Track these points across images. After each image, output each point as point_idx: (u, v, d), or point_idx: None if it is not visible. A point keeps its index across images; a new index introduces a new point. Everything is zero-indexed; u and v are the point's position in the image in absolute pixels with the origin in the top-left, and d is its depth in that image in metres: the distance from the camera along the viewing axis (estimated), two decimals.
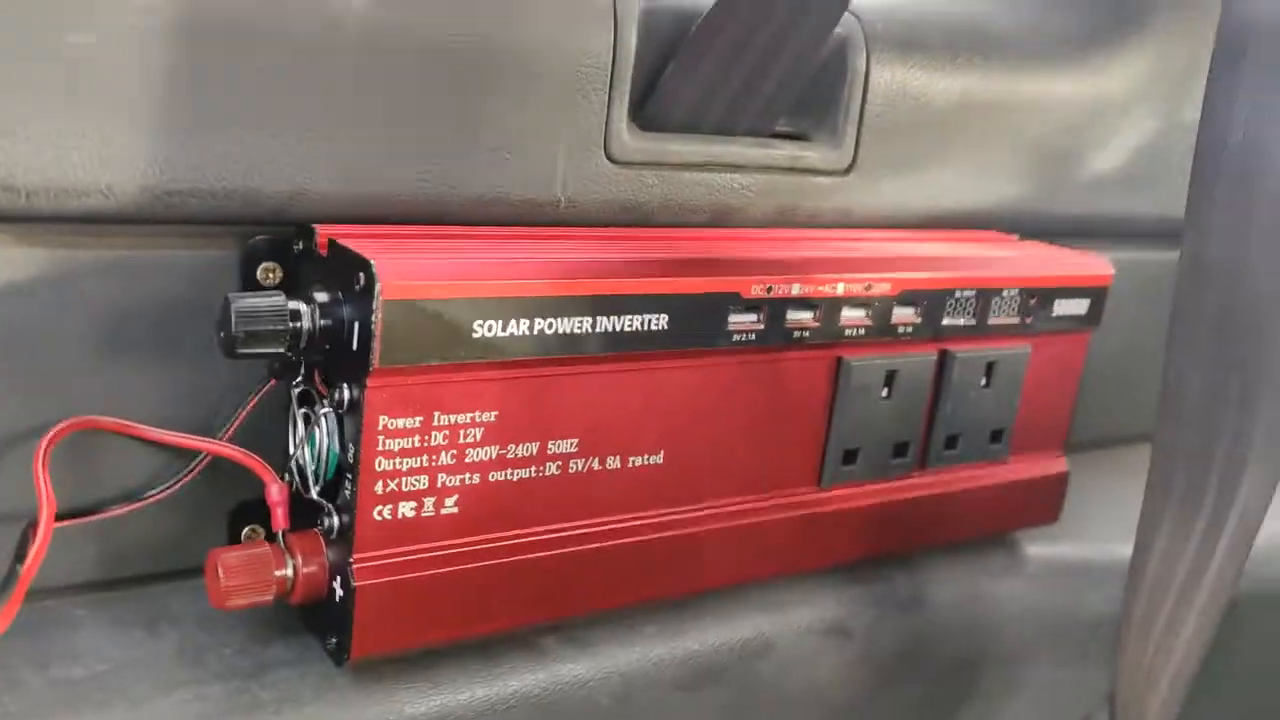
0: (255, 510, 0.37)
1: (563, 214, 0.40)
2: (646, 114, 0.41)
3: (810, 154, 0.45)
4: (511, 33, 0.37)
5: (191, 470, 0.35)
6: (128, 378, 0.34)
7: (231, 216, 0.34)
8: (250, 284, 0.35)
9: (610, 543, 0.37)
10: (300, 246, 0.35)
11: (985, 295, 0.44)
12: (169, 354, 0.35)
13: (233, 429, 0.35)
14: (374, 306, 0.30)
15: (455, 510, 0.34)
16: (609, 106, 0.39)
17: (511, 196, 0.38)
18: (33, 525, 0.30)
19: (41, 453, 0.31)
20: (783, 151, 0.44)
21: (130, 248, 0.34)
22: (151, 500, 0.34)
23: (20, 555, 0.31)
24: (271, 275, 0.36)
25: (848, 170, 0.46)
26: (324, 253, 0.34)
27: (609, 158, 0.40)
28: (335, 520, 0.33)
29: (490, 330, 0.32)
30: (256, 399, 0.35)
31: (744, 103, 0.43)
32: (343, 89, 0.34)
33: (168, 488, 0.35)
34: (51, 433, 0.32)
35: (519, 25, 0.37)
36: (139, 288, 0.34)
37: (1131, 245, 0.53)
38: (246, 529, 0.37)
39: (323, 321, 0.32)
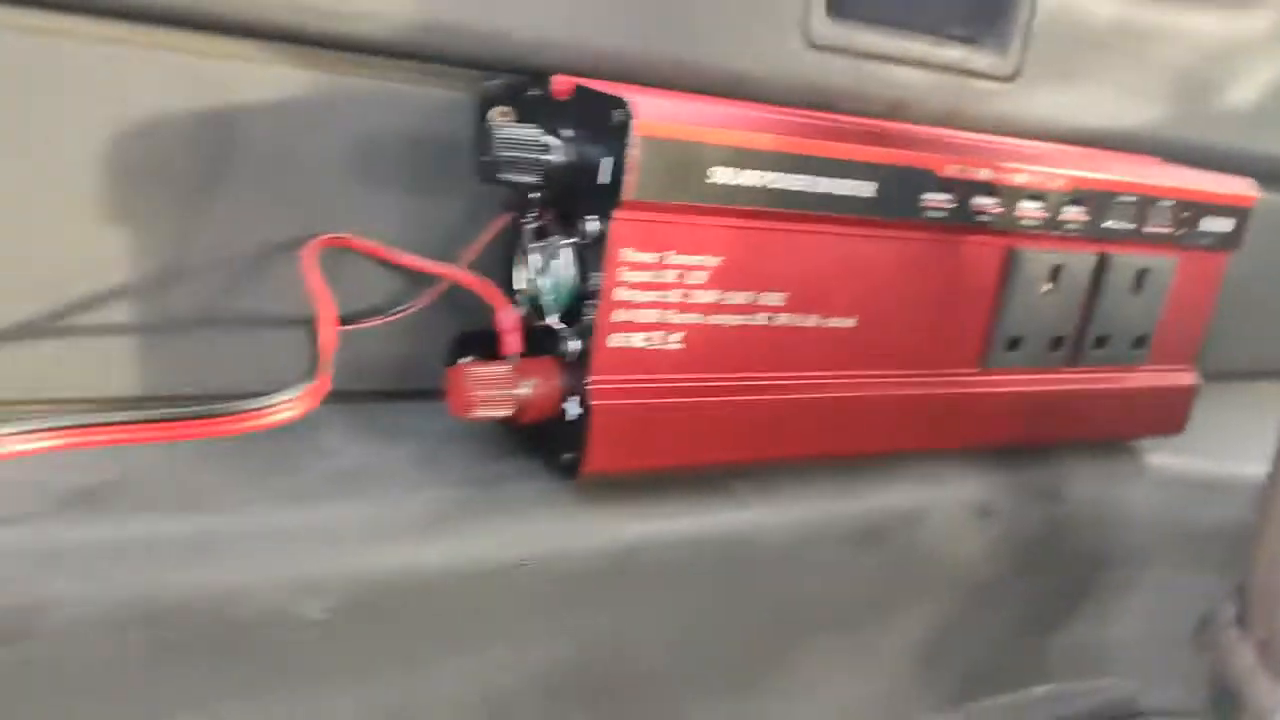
0: (470, 343, 0.39)
1: (758, 89, 0.42)
2: (839, 2, 0.43)
3: (978, 58, 0.47)
4: None
5: (431, 293, 0.37)
6: (371, 201, 0.37)
7: (477, 60, 0.36)
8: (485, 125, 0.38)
9: (804, 395, 0.40)
10: (534, 92, 0.37)
11: (1145, 202, 0.46)
12: (407, 183, 0.37)
13: (470, 257, 0.38)
14: (628, 141, 0.33)
15: (680, 346, 0.36)
16: None
17: (716, 66, 0.41)
18: (313, 320, 0.33)
19: (311, 258, 0.34)
20: (954, 52, 0.46)
21: (385, 79, 0.36)
22: (399, 315, 0.37)
23: (311, 340, 0.33)
24: (503, 118, 0.38)
25: (1011, 78, 0.48)
26: (564, 98, 0.36)
27: (805, 40, 0.42)
28: (573, 345, 0.36)
29: (725, 177, 0.35)
30: (494, 230, 0.38)
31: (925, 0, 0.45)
32: None
33: (410, 307, 0.37)
34: (317, 242, 0.35)
35: None
36: (388, 119, 0.37)
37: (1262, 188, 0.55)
38: (466, 359, 0.40)
39: (569, 157, 0.35)
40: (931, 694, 0.50)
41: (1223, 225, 0.49)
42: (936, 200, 0.40)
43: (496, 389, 0.36)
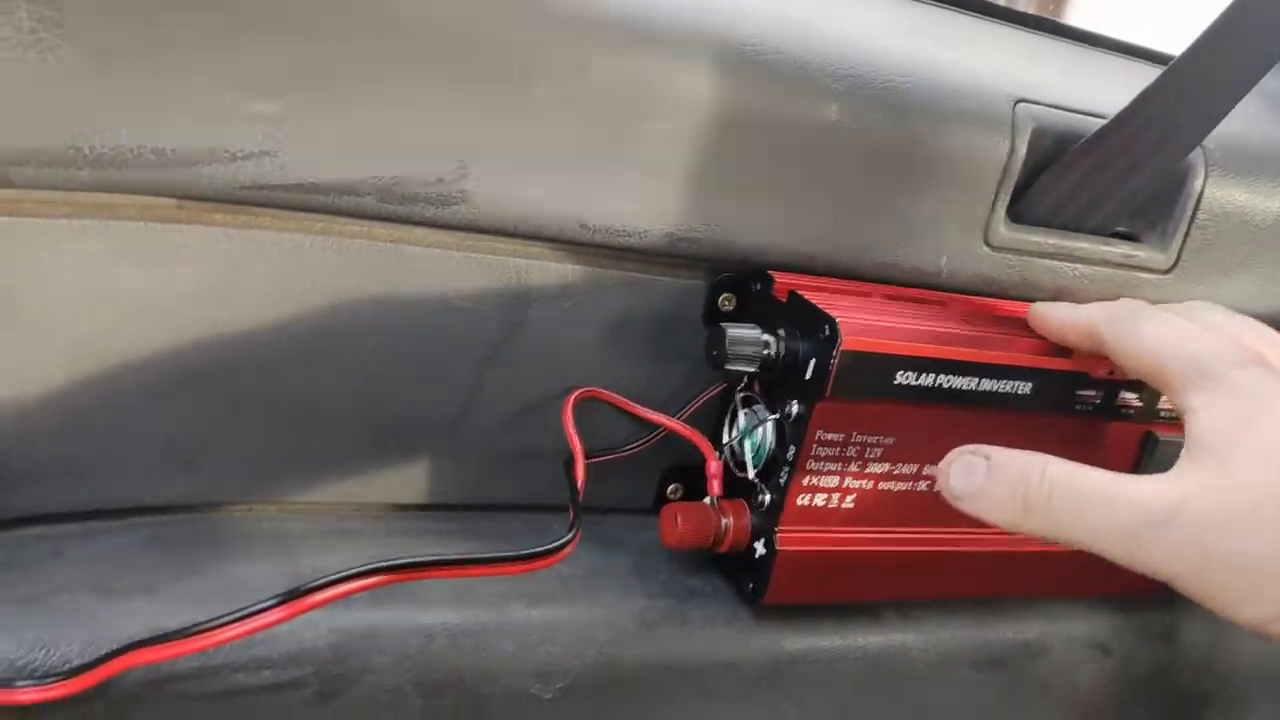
0: (676, 473, 0.49)
1: (940, 282, 0.50)
2: (1016, 209, 0.50)
3: (1140, 253, 0.54)
4: (934, 137, 0.47)
5: (655, 436, 0.47)
6: (617, 364, 0.46)
7: (712, 258, 0.45)
8: (712, 308, 0.47)
9: (951, 548, 0.47)
10: (757, 287, 0.46)
11: None
12: (646, 351, 0.47)
13: (688, 412, 0.47)
14: (834, 354, 0.41)
15: (851, 506, 0.45)
16: (994, 201, 0.49)
17: (907, 264, 0.49)
18: (568, 460, 0.43)
19: (569, 408, 0.44)
20: (1117, 250, 0.53)
21: (639, 272, 0.45)
22: (628, 453, 0.47)
23: (570, 481, 0.43)
24: (728, 304, 0.47)
25: (1168, 270, 0.54)
26: (782, 299, 0.45)
27: (985, 242, 0.49)
28: (766, 498, 0.44)
29: (907, 379, 0.43)
30: (711, 394, 0.47)
31: (1097, 207, 0.52)
32: (807, 175, 0.45)
33: (639, 446, 0.47)
34: (575, 395, 0.45)
35: (940, 131, 0.47)
36: (638, 301, 0.46)
37: None
38: (671, 486, 0.49)
39: (781, 352, 0.44)
40: None
41: None
42: (1086, 395, 0.47)
43: (702, 525, 0.45)
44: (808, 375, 0.42)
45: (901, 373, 0.43)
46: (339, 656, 0.39)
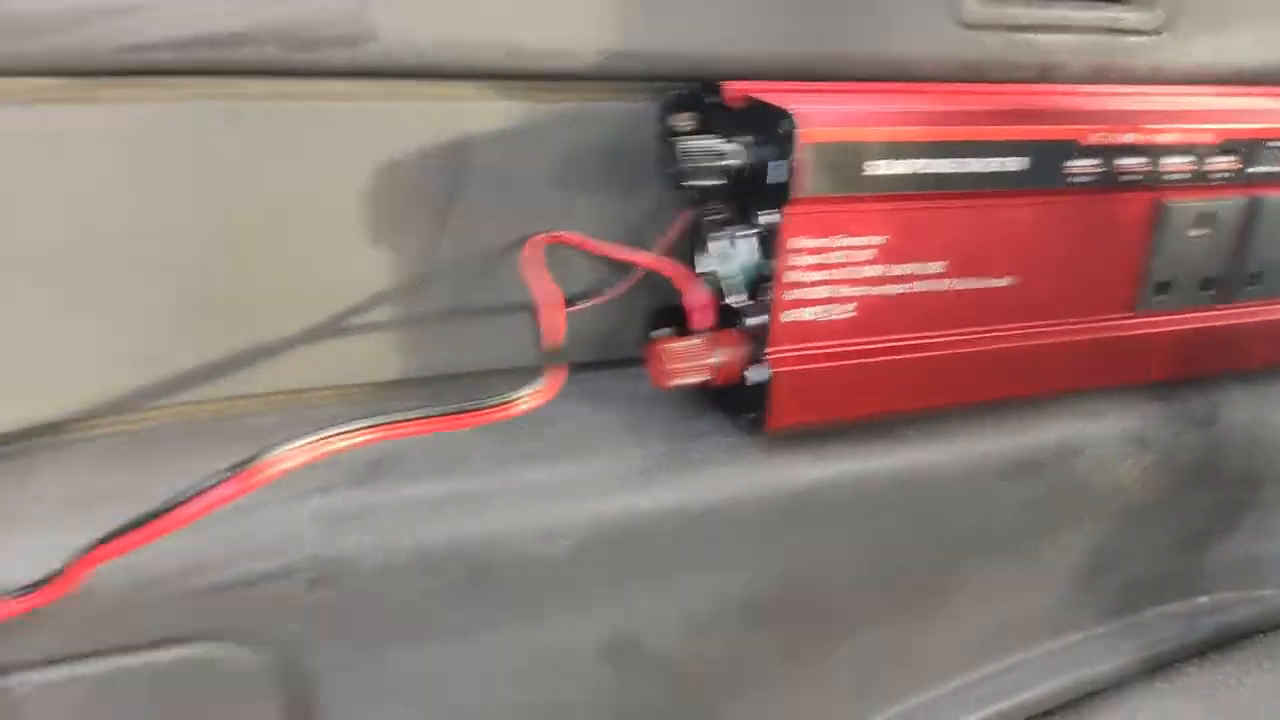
0: (663, 316, 0.46)
1: (913, 71, 0.46)
2: None
3: (1127, 15, 0.50)
4: None
5: (634, 277, 0.44)
6: (581, 205, 0.44)
7: (661, 75, 0.42)
8: (667, 131, 0.44)
9: (965, 349, 0.45)
10: (711, 99, 0.43)
11: None
12: (609, 188, 0.44)
13: (663, 247, 0.44)
14: (794, 148, 0.38)
15: (852, 315, 0.42)
16: None
17: (874, 55, 0.45)
18: (535, 307, 0.40)
19: (528, 253, 0.41)
20: (1102, 14, 0.49)
21: (581, 101, 0.42)
22: (606, 299, 0.44)
23: (538, 328, 0.40)
24: (687, 125, 0.44)
25: (1159, 31, 0.50)
26: (738, 105, 0.41)
27: (957, 21, 0.46)
28: (754, 320, 0.42)
29: (880, 169, 0.40)
30: (683, 223, 0.44)
31: None
32: None
33: (617, 290, 0.44)
34: (535, 239, 0.42)
35: None
36: (585, 133, 0.43)
37: None
38: (659, 331, 0.47)
39: (744, 160, 0.40)
40: (1094, 607, 0.55)
41: None
42: (1082, 167, 0.44)
43: (691, 361, 0.42)
44: (772, 178, 0.39)
45: (873, 162, 0.40)
46: (329, 538, 0.37)
